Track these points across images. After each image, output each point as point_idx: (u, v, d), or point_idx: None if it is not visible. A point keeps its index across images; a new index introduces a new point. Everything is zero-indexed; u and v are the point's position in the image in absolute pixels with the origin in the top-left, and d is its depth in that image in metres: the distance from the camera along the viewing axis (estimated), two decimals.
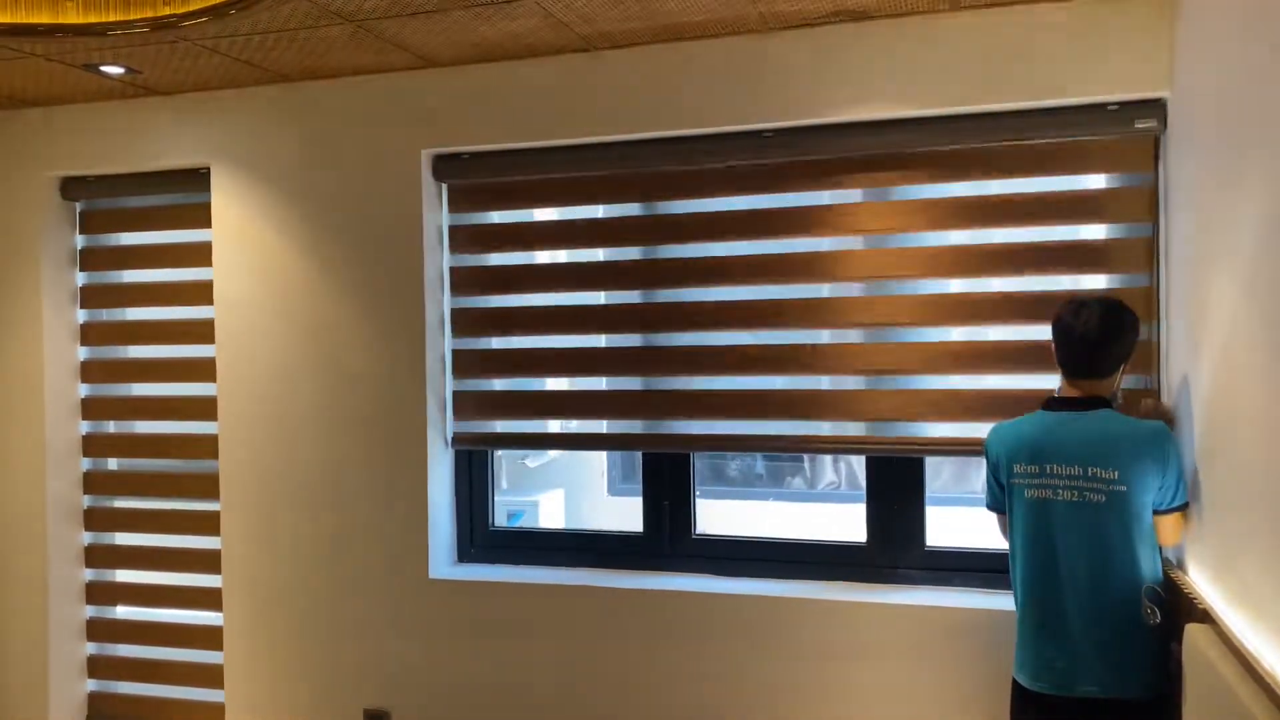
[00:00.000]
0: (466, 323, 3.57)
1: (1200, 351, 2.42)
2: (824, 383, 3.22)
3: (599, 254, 3.48)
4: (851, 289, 3.18)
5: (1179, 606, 2.35)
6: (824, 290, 3.21)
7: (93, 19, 2.75)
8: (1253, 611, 1.94)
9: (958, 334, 3.09)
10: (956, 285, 3.09)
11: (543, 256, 3.56)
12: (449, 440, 3.58)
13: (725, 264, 3.30)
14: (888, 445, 3.15)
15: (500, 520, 3.75)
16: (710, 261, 3.31)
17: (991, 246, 3.05)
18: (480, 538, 3.65)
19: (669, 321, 3.35)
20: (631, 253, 3.40)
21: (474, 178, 3.51)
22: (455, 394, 3.58)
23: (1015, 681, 2.55)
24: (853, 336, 3.18)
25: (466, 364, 3.57)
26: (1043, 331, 2.64)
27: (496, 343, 3.55)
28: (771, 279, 3.24)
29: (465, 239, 3.57)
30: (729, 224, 3.29)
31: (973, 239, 3.07)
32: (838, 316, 3.19)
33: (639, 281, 3.39)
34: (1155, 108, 2.82)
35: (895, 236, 3.13)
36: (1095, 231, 2.98)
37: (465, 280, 3.57)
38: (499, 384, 3.57)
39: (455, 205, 3.57)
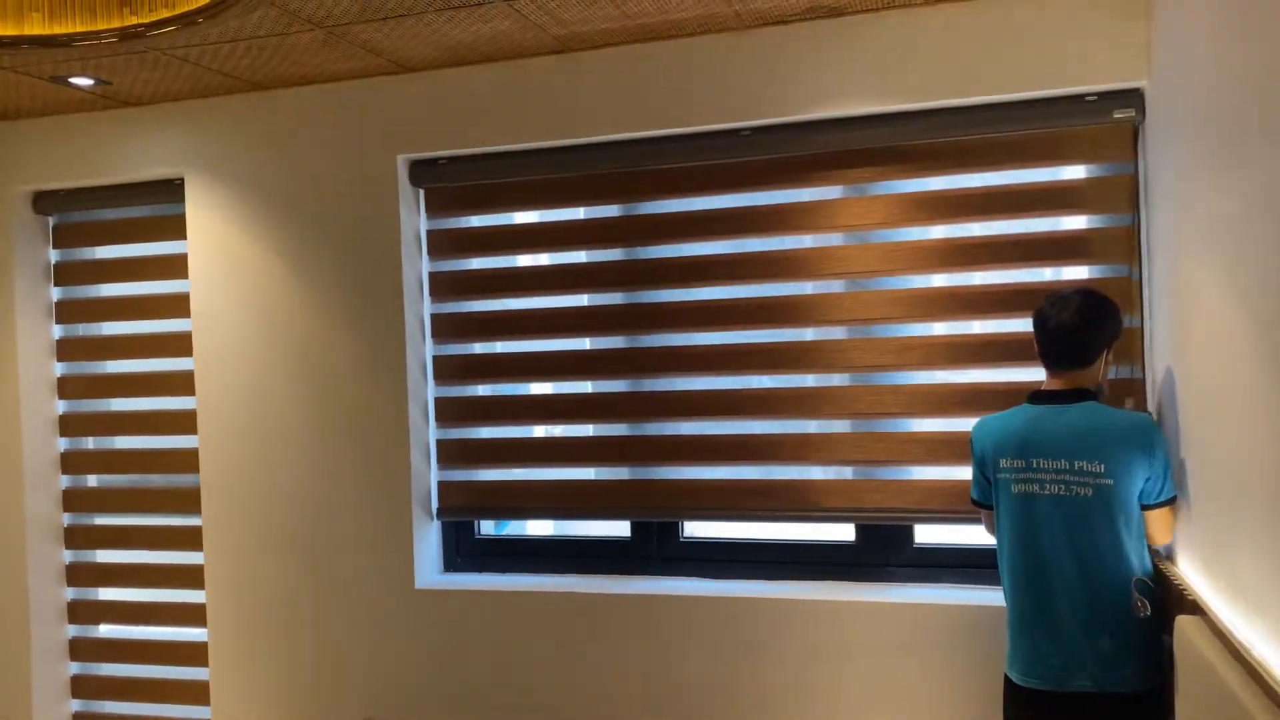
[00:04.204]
0: (447, 328, 3.54)
1: (1183, 342, 2.40)
2: (809, 380, 3.20)
3: (580, 255, 3.44)
4: (833, 286, 3.16)
5: (1169, 598, 2.34)
6: (807, 288, 3.19)
7: (58, 30, 2.71)
8: (1243, 602, 1.93)
9: (940, 328, 3.08)
10: (939, 280, 3.08)
11: (523, 260, 3.52)
12: (433, 507, 3.55)
13: (706, 263, 3.27)
14: (878, 514, 3.14)
15: (487, 528, 3.71)
16: (691, 261, 3.29)
17: (973, 240, 3.03)
18: (467, 546, 3.62)
19: (651, 322, 3.33)
20: (613, 254, 3.38)
21: (451, 182, 3.48)
22: (437, 400, 3.56)
23: (1007, 678, 2.53)
24: (836, 334, 3.17)
25: (448, 371, 3.54)
26: (1026, 324, 2.63)
27: (478, 348, 3.54)
28: (752, 278, 3.22)
29: (443, 244, 3.54)
30: (709, 224, 3.27)
31: (954, 233, 3.05)
32: (820, 314, 3.17)
33: (620, 283, 3.37)
34: (1133, 98, 2.81)
35: (876, 232, 3.12)
36: (1076, 222, 2.97)
37: (444, 285, 3.54)
38: (481, 389, 3.54)
39: (433, 210, 3.54)
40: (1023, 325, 2.92)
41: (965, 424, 2.94)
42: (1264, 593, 1.79)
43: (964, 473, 2.94)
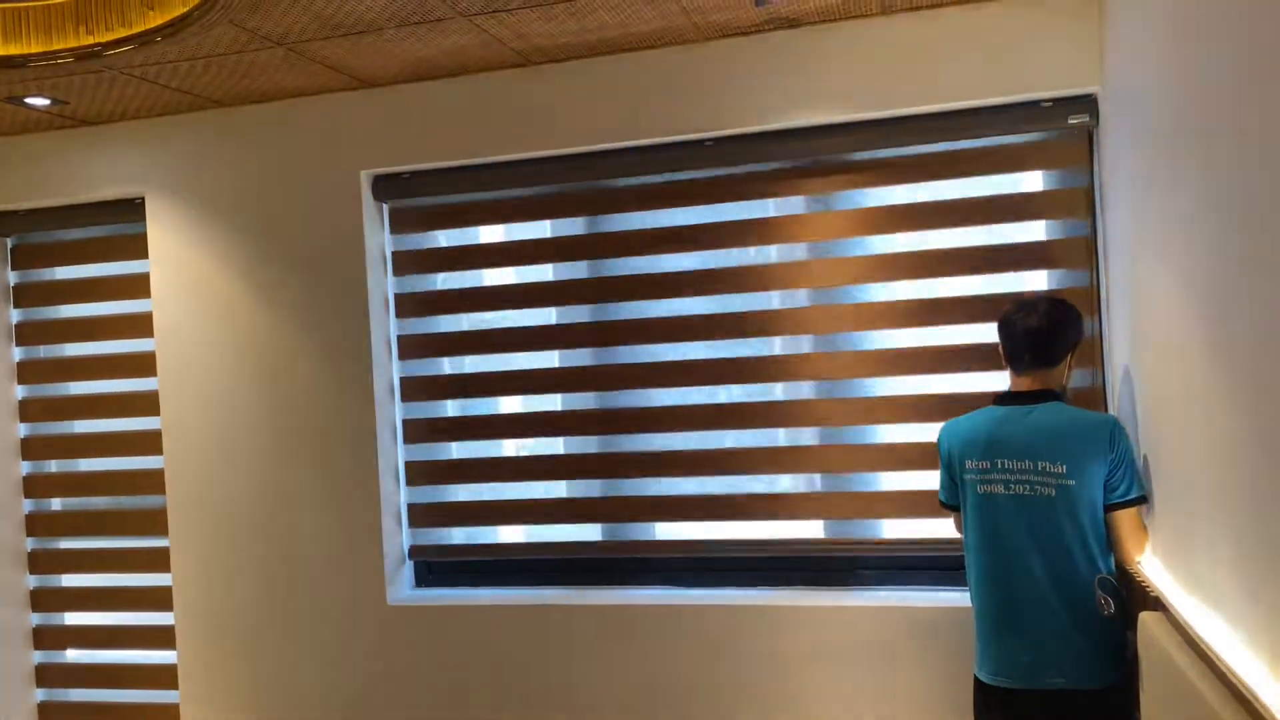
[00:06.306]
0: (413, 345, 3.53)
1: (1141, 344, 2.45)
2: (776, 391, 3.22)
3: (547, 271, 3.44)
4: (798, 297, 3.19)
5: (1133, 595, 2.37)
6: (773, 300, 3.21)
7: (13, 51, 2.68)
8: (1203, 597, 1.97)
9: (905, 337, 3.10)
10: (903, 290, 3.10)
11: (488, 275, 3.52)
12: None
13: (673, 277, 3.29)
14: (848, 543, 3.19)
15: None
16: (657, 275, 3.30)
17: (935, 250, 3.06)
18: (438, 561, 3.60)
19: (620, 336, 3.35)
20: (579, 268, 3.39)
21: (415, 197, 3.47)
22: (405, 421, 3.55)
23: (976, 678, 2.55)
24: (803, 345, 3.19)
25: (415, 388, 3.54)
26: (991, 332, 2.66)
27: (446, 364, 3.53)
28: (718, 290, 3.24)
29: (408, 260, 3.53)
30: (674, 239, 3.28)
31: (917, 243, 3.08)
32: (786, 325, 3.19)
33: (587, 298, 3.38)
34: (1086, 103, 2.86)
35: (839, 243, 3.14)
36: (1036, 231, 3.01)
37: (410, 302, 3.53)
38: (450, 406, 3.54)
39: (397, 226, 3.53)
40: (986, 333, 2.97)
41: (931, 431, 2.97)
42: (1221, 587, 1.83)
43: (929, 479, 2.97)
